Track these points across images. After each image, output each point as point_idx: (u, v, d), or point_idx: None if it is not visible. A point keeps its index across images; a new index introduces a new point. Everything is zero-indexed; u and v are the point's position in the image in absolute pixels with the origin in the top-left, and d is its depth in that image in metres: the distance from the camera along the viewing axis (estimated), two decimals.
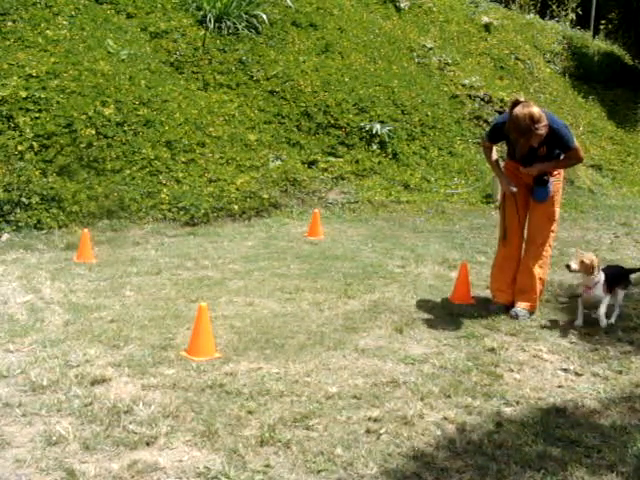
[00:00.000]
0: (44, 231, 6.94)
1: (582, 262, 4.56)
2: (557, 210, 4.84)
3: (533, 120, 4.28)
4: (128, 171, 7.81)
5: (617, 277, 4.81)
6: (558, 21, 17.67)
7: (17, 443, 2.90)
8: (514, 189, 4.74)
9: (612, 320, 4.71)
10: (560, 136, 4.52)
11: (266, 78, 10.35)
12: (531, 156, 4.63)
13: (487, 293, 5.24)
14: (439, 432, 3.10)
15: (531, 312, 4.84)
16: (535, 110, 4.31)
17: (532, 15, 17.29)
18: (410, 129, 10.78)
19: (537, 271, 4.80)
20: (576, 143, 4.62)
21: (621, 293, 4.84)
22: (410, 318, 4.70)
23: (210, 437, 2.97)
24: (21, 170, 7.22)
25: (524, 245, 4.94)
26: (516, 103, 4.43)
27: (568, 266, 4.61)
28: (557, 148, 4.61)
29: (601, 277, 4.62)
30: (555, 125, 4.49)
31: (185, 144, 8.50)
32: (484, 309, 4.94)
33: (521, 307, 4.81)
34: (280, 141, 9.60)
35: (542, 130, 4.33)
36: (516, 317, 4.74)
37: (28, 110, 7.71)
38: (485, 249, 7.04)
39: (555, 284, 5.73)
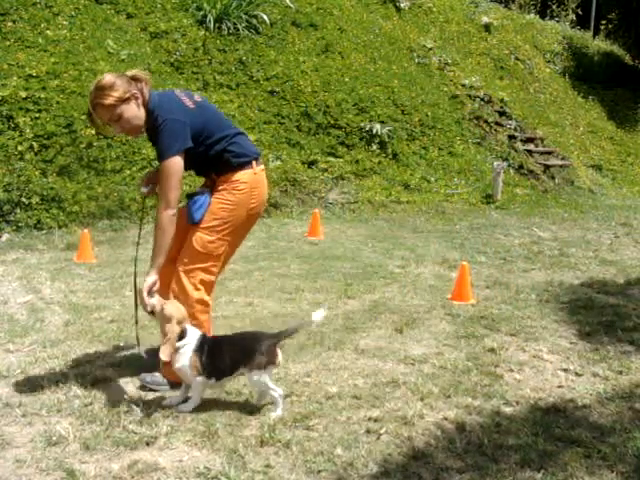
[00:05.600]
0: (44, 231, 6.94)
1: None
2: (221, 244, 3.48)
3: (97, 87, 3.19)
4: (128, 171, 7.81)
5: None
6: (558, 21, 17.70)
7: (17, 443, 2.90)
8: (144, 189, 3.50)
9: None
10: (159, 127, 3.19)
11: (266, 78, 10.35)
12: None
13: (487, 293, 5.23)
14: (439, 432, 3.09)
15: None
16: (109, 77, 3.21)
17: (532, 15, 17.32)
18: (410, 129, 10.78)
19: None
20: (174, 158, 3.15)
21: None
22: (410, 318, 4.69)
23: (210, 437, 2.96)
24: (21, 170, 7.22)
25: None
26: None
27: None
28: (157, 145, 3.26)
29: None
30: (159, 111, 3.22)
31: None
32: (484, 309, 4.93)
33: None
34: (280, 141, 9.60)
35: (108, 100, 3.16)
36: None
37: (28, 110, 7.71)
38: (485, 249, 7.05)
39: (555, 284, 5.74)
